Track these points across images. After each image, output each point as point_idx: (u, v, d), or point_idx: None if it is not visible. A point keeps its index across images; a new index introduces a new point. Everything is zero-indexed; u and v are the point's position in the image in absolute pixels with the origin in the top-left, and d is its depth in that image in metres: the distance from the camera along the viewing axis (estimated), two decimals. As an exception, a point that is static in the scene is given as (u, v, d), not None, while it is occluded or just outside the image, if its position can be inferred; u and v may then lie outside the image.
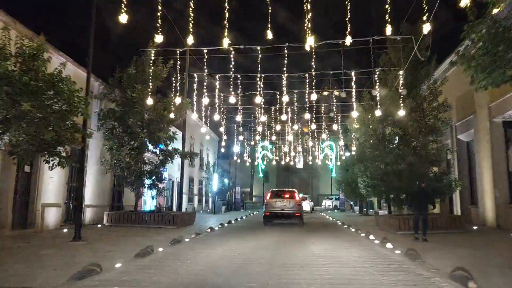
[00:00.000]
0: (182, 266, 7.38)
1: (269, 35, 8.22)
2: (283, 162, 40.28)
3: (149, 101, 12.79)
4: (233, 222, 19.91)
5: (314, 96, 12.53)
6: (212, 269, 7.22)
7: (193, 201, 33.58)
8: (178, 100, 13.42)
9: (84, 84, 11.10)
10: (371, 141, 15.74)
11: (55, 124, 8.65)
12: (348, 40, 8.41)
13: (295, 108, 19.72)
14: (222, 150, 33.57)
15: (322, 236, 13.69)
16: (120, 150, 15.88)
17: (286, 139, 35.12)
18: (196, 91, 15.57)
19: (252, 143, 32.61)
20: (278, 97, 17.36)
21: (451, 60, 14.66)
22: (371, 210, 31.31)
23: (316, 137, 38.33)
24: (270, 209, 18.22)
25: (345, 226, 17.89)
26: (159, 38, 8.71)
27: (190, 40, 8.72)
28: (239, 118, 21.13)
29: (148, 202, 23.43)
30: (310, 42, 8.24)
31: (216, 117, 19.64)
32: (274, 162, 38.91)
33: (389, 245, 9.86)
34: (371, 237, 12.02)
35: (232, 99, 14.18)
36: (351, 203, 35.86)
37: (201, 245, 10.40)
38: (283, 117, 16.16)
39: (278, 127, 20.21)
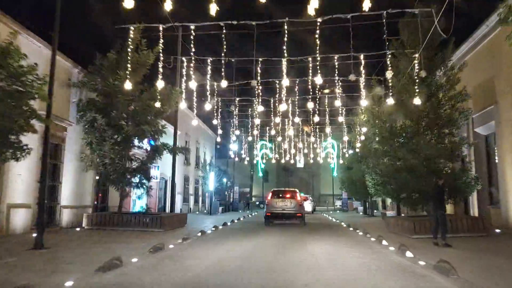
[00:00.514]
0: (153, 286, 5.79)
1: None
2: (283, 161, 38.66)
3: (128, 85, 11.09)
4: (228, 224, 18.31)
5: (319, 80, 10.81)
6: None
7: (188, 202, 31.98)
8: (161, 84, 11.66)
9: (63, 71, 9.53)
10: (381, 134, 14.10)
11: (5, 108, 7.06)
12: (366, 5, 6.81)
13: (296, 97, 17.97)
14: (218, 146, 32.13)
15: (326, 241, 12.07)
16: (102, 145, 14.28)
17: (286, 135, 33.46)
18: (187, 77, 13.81)
19: (250, 138, 30.94)
20: (277, 84, 15.70)
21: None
22: (375, 211, 29.75)
23: (318, 132, 36.60)
24: (271, 209, 17.87)
25: (351, 228, 16.28)
26: (129, 3, 7.09)
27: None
28: (236, 110, 19.49)
29: (139, 203, 21.82)
30: (314, 4, 6.65)
31: (208, 106, 17.98)
32: (274, 161, 37.16)
33: (408, 254, 8.26)
34: (384, 242, 10.43)
35: (225, 84, 12.49)
36: (354, 203, 34.28)
37: (186, 254, 8.81)
38: (283, 106, 14.47)
39: (278, 119, 18.47)
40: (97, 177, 16.22)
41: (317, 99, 18.08)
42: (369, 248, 9.95)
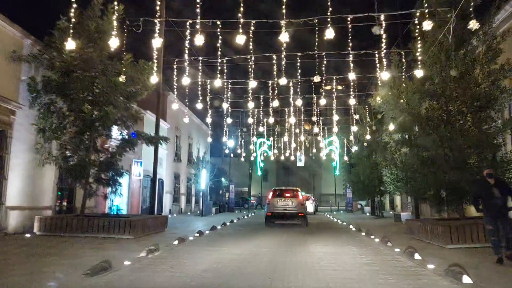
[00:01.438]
0: None
1: None
2: (282, 157, 36.07)
3: (70, 45, 8.37)
4: (218, 228, 15.64)
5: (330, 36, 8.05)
6: None
7: (179, 202, 29.33)
8: (112, 41, 8.90)
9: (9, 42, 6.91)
10: (404, 118, 11.42)
11: None
12: None
13: (299, 79, 15.23)
14: (210, 139, 29.49)
15: (335, 250, 9.38)
16: (58, 134, 11.62)
17: (286, 127, 30.92)
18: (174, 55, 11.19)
19: (245, 129, 28.49)
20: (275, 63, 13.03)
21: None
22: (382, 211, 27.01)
23: (321, 125, 34.33)
24: (272, 209, 17.04)
25: (363, 233, 13.61)
26: None
27: None
28: (230, 98, 16.90)
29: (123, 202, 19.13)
30: None
31: (201, 99, 15.53)
32: (273, 157, 34.62)
33: (466, 280, 5.60)
34: (417, 256, 7.76)
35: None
36: (360, 203, 31.62)
37: (140, 279, 6.14)
38: (283, 80, 11.76)
39: (276, 103, 15.80)
40: (60, 173, 13.57)
41: (322, 84, 15.32)
42: (397, 264, 7.27)
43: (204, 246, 10.05)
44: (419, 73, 9.72)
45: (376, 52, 11.82)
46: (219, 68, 13.48)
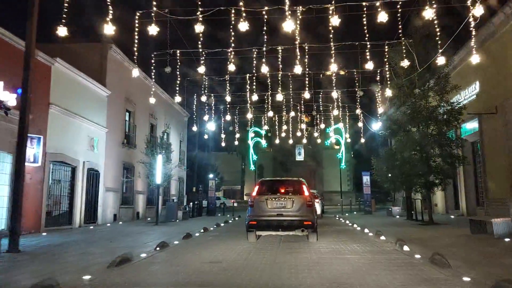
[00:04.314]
0: None
1: None
2: (277, 140, 28.07)
3: None
4: (142, 257, 7.42)
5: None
6: None
7: (134, 203, 21.03)
8: None
9: None
10: None
11: None
12: None
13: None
14: (192, 128, 21.67)
15: None
16: None
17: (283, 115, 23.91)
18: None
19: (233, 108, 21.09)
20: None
21: None
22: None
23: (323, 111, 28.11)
24: (259, 214, 9.76)
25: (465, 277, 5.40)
26: None
27: None
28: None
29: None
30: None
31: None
32: (268, 151, 26.91)
33: None
34: None
35: None
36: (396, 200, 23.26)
37: None
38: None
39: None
40: None
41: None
42: None
43: None
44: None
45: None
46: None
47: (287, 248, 9.08)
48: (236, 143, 27.04)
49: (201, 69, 13.91)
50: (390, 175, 15.11)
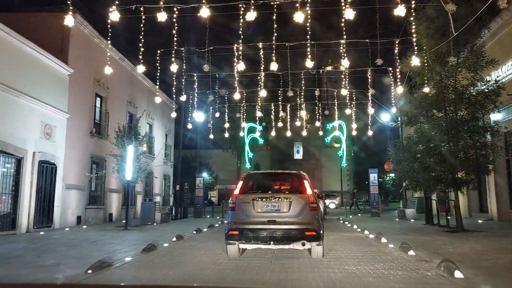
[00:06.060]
0: None
1: None
2: (273, 132, 25.15)
3: None
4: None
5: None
6: None
7: (105, 203, 18.05)
8: None
9: None
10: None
11: None
12: None
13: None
14: (173, 115, 19.04)
15: None
16: None
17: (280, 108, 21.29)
18: None
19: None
20: None
21: None
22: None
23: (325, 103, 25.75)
24: (243, 220, 6.92)
25: None
26: None
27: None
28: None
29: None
30: None
31: None
32: (265, 148, 24.32)
33: None
34: None
35: None
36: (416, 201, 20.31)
37: None
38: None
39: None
40: None
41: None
42: None
43: None
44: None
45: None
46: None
47: (281, 269, 6.19)
48: (227, 135, 24.03)
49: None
50: (412, 169, 12.15)
